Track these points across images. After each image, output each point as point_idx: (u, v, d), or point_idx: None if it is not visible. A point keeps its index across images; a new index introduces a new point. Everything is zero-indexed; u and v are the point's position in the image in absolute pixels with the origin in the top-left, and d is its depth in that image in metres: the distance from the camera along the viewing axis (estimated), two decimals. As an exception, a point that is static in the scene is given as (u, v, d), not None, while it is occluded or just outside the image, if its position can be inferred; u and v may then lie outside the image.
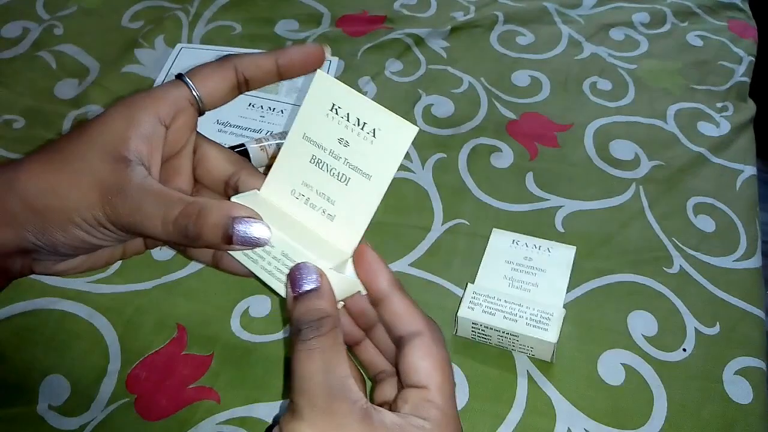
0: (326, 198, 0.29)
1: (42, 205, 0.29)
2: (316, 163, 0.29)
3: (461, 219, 0.50)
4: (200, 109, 0.31)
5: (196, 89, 0.30)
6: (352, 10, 0.68)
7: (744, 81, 0.62)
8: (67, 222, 0.29)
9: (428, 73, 0.62)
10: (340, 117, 0.29)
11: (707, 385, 0.41)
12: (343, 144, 0.29)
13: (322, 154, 0.29)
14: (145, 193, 0.28)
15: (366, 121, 0.28)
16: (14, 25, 0.66)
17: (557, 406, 0.40)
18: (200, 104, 0.31)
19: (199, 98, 0.30)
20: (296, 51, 0.31)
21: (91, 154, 0.29)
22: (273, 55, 0.31)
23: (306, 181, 0.30)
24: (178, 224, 0.28)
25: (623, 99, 0.60)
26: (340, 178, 0.29)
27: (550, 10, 0.69)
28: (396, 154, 0.28)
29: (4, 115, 0.57)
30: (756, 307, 0.45)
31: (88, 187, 0.28)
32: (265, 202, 0.30)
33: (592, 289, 0.46)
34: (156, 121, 0.30)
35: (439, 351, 0.29)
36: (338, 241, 0.29)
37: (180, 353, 0.42)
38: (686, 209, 0.51)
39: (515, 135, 0.56)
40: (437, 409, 0.27)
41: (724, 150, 0.55)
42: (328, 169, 0.29)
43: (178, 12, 0.67)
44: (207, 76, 0.31)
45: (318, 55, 0.31)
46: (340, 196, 0.29)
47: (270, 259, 0.29)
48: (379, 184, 0.29)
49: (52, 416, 0.39)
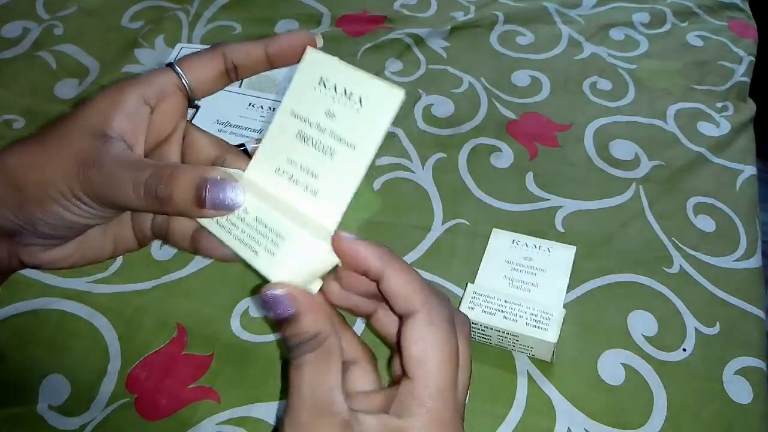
0: (310, 173, 0.28)
1: (20, 179, 0.29)
2: (301, 138, 0.29)
3: (461, 219, 0.50)
4: (189, 96, 0.31)
5: (183, 75, 0.30)
6: (352, 10, 0.69)
7: (744, 81, 0.62)
8: (44, 196, 0.28)
9: (428, 73, 0.62)
10: (328, 89, 0.28)
11: (707, 385, 0.41)
12: (329, 116, 0.28)
13: (308, 128, 0.28)
14: (120, 162, 0.28)
15: (353, 90, 0.28)
16: (14, 25, 0.66)
17: (557, 405, 0.40)
18: (189, 90, 0.31)
19: (187, 84, 0.30)
20: (286, 39, 0.31)
21: (74, 132, 0.29)
22: (263, 43, 0.31)
23: (291, 158, 0.29)
24: (148, 186, 0.27)
25: (623, 99, 0.60)
26: (325, 151, 0.28)
27: (550, 10, 0.69)
28: (382, 120, 0.27)
29: (4, 115, 0.57)
30: (756, 307, 0.45)
31: (66, 160, 0.28)
32: (248, 181, 0.29)
33: (592, 289, 0.46)
34: (140, 101, 0.29)
35: (433, 333, 0.26)
36: (319, 215, 0.28)
37: (180, 353, 0.42)
38: (686, 209, 0.51)
39: (515, 135, 0.56)
40: (422, 407, 0.25)
41: (724, 150, 0.55)
42: (314, 143, 0.28)
43: (178, 12, 0.67)
44: (195, 63, 0.31)
45: (309, 43, 0.30)
46: (323, 169, 0.28)
47: (244, 227, 0.28)
48: (364, 154, 0.27)
49: (52, 416, 0.39)
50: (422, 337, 0.26)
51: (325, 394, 0.26)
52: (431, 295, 0.27)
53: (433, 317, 0.26)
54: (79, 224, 0.30)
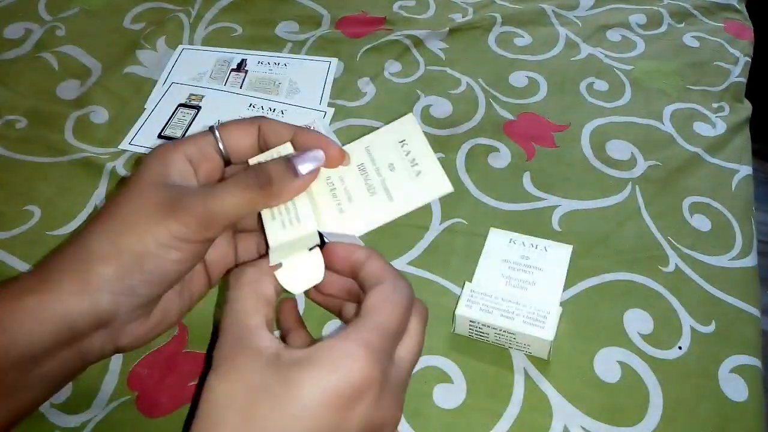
0: (348, 196, 0.34)
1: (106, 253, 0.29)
2: (360, 169, 0.34)
3: (459, 218, 0.50)
4: (226, 159, 0.34)
5: (222, 140, 0.33)
6: (352, 11, 0.69)
7: (740, 81, 0.62)
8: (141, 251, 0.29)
9: (427, 74, 0.62)
10: (402, 150, 0.34)
11: (703, 383, 0.42)
12: (390, 168, 0.34)
13: (370, 166, 0.34)
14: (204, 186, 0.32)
15: (418, 162, 0.33)
16: (16, 26, 0.66)
17: (554, 403, 0.41)
18: (225, 155, 0.34)
19: (224, 150, 0.33)
20: (317, 140, 0.33)
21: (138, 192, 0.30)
22: (294, 129, 0.34)
23: (343, 177, 0.34)
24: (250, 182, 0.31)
25: (620, 99, 0.60)
26: (370, 188, 0.34)
27: (547, 11, 0.69)
28: (424, 196, 0.33)
29: (6, 115, 0.58)
30: (751, 306, 0.46)
31: (148, 212, 0.29)
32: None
33: (589, 288, 0.46)
34: (185, 160, 0.32)
35: (392, 296, 0.29)
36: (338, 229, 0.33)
37: (181, 351, 0.43)
38: (682, 208, 0.51)
39: (513, 135, 0.57)
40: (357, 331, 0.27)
41: (720, 150, 0.56)
42: (366, 178, 0.34)
43: (179, 14, 0.68)
44: (234, 130, 0.34)
45: (338, 156, 0.33)
46: (360, 200, 0.34)
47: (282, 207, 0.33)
48: (396, 210, 0.33)
49: (54, 413, 0.40)
50: (382, 294, 0.29)
51: (249, 330, 0.27)
52: (400, 277, 0.31)
53: (397, 287, 0.30)
54: (174, 272, 0.31)
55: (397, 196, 0.33)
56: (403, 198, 0.33)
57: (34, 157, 0.54)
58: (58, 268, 0.29)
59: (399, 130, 0.34)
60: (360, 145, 0.35)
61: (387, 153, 0.34)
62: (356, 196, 0.34)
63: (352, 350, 0.26)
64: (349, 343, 0.26)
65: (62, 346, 0.30)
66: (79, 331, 0.29)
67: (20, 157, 0.54)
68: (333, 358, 0.26)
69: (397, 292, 0.29)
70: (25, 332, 0.28)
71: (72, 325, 0.29)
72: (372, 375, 0.26)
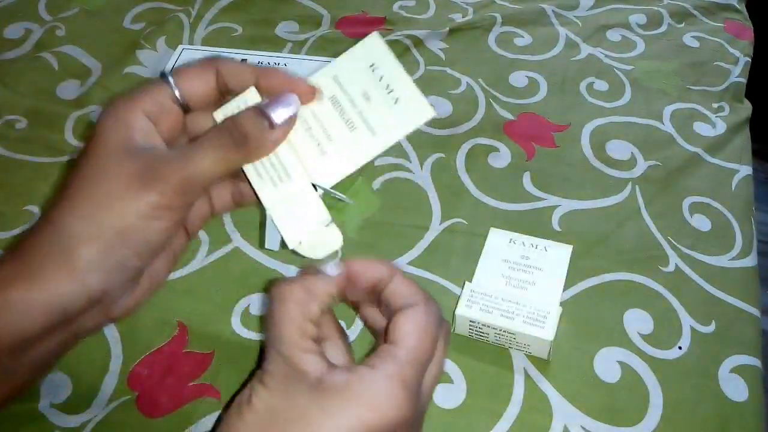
0: (327, 134, 0.31)
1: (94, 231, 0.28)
2: (333, 102, 0.31)
3: (459, 218, 0.50)
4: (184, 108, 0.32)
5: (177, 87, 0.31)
6: (352, 11, 0.69)
7: (740, 81, 0.62)
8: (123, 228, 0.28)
9: (427, 74, 0.62)
10: (374, 76, 0.31)
11: (703, 383, 0.42)
12: (365, 98, 0.31)
13: (343, 97, 0.31)
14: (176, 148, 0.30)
15: (394, 88, 0.30)
16: (17, 26, 0.66)
17: (554, 403, 0.41)
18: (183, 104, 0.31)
19: (180, 98, 0.31)
20: (282, 79, 0.31)
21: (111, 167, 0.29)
22: (257, 71, 0.31)
23: (315, 113, 0.31)
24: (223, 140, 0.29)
25: (620, 99, 0.60)
26: (348, 123, 0.31)
27: (547, 11, 0.69)
28: (407, 125, 0.30)
29: (6, 115, 0.58)
30: (751, 306, 0.46)
31: (123, 185, 0.28)
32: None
33: (589, 288, 0.46)
34: (143, 116, 0.30)
35: (427, 320, 0.29)
36: (319, 172, 0.31)
37: (181, 351, 0.43)
38: (682, 208, 0.51)
39: (513, 135, 0.57)
40: (395, 363, 0.27)
41: (720, 150, 0.56)
42: (342, 111, 0.31)
43: (179, 14, 0.68)
44: (188, 76, 0.31)
45: (308, 92, 0.31)
46: (340, 137, 0.31)
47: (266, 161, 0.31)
48: (379, 144, 0.31)
49: (54, 414, 0.40)
50: (415, 320, 0.29)
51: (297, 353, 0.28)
52: (430, 299, 0.30)
53: (429, 312, 0.29)
54: (160, 241, 0.30)
55: (378, 129, 0.30)
56: (385, 129, 0.30)
57: (34, 157, 0.55)
58: (39, 255, 0.28)
59: (367, 53, 0.31)
60: (327, 74, 0.31)
61: (358, 81, 0.31)
62: (335, 134, 0.31)
63: (391, 390, 0.27)
64: (387, 382, 0.27)
65: (55, 329, 0.29)
66: (72, 313, 0.29)
67: (20, 157, 0.55)
68: (372, 395, 0.26)
69: (429, 317, 0.29)
70: (16, 325, 0.28)
71: (64, 309, 0.29)
72: (407, 415, 0.27)
